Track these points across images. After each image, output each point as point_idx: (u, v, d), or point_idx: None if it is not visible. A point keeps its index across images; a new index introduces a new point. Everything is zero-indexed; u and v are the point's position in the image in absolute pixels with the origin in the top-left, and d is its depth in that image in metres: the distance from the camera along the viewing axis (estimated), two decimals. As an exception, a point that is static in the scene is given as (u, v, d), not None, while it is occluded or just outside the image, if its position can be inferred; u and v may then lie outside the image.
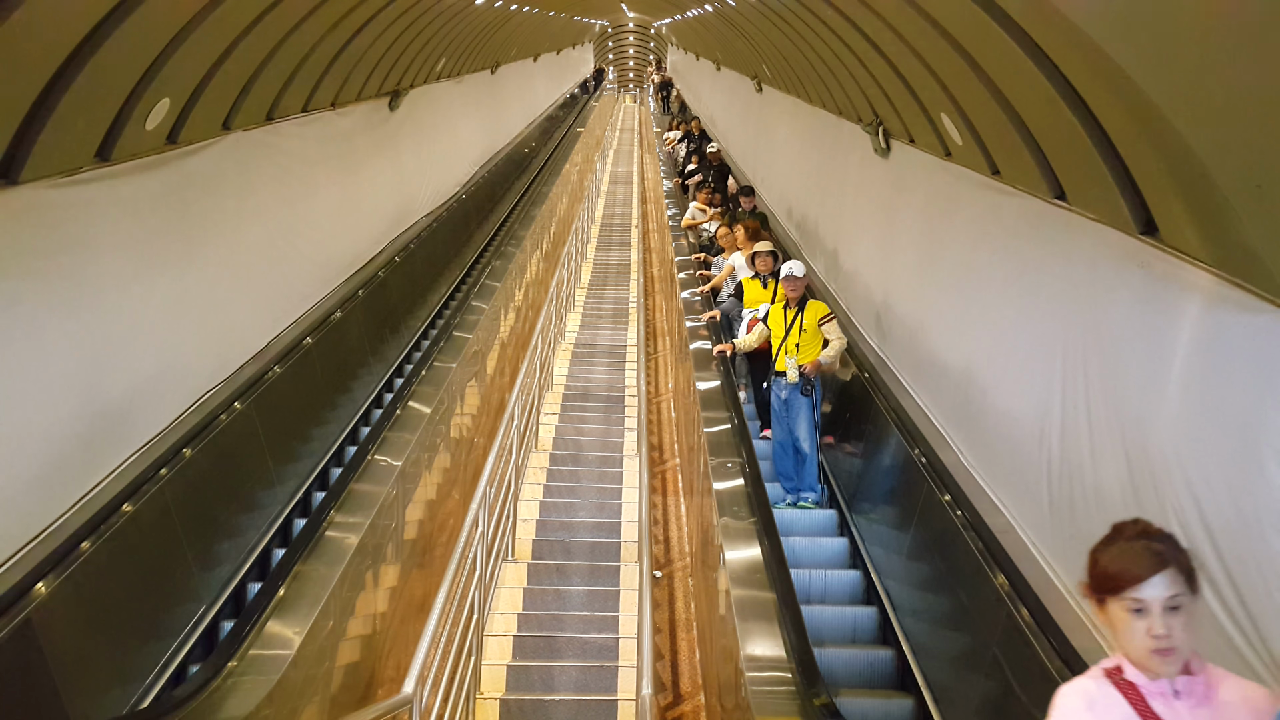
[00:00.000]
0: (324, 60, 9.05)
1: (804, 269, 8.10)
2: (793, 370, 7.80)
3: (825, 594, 6.98)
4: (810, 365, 7.80)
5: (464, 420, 9.58)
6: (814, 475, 7.91)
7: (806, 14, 8.54)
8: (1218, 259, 3.48)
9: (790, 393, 7.84)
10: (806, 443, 7.82)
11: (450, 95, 16.39)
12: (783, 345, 7.94)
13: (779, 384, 7.94)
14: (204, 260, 7.32)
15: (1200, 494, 3.55)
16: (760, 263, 9.36)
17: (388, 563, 6.73)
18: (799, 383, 7.78)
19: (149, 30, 5.47)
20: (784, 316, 8.02)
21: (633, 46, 56.36)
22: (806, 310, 7.97)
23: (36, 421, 5.29)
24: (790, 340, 7.91)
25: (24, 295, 5.23)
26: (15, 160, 5.01)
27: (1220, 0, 2.60)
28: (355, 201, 11.33)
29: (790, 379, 7.82)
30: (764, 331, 8.28)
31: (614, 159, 29.49)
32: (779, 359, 7.94)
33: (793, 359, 7.83)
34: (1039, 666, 4.31)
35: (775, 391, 7.98)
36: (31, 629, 4.71)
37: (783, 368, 7.88)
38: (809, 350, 7.90)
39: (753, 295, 9.32)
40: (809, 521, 7.83)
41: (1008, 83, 4.75)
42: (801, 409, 7.82)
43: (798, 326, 7.91)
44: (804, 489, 7.93)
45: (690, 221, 15.20)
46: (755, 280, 9.42)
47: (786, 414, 7.89)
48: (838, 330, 7.99)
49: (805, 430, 7.81)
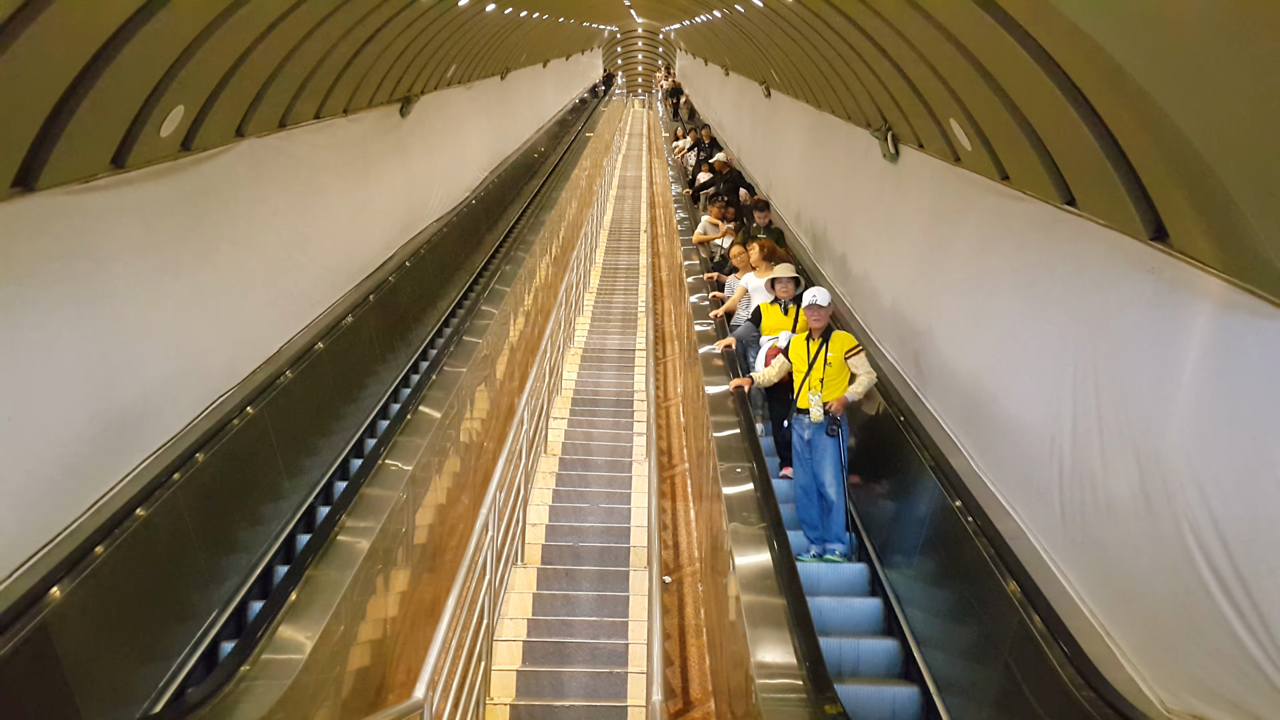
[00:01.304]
0: (336, 67, 9.10)
1: (829, 297, 7.43)
2: (817, 408, 7.10)
3: (858, 666, 6.18)
4: (836, 403, 7.07)
5: (474, 425, 9.61)
6: (841, 524, 7.14)
7: (815, 20, 8.55)
8: (1228, 264, 3.48)
9: (814, 433, 7.13)
10: (833, 488, 7.05)
11: (460, 101, 16.45)
12: (805, 380, 7.22)
13: (801, 422, 7.24)
14: (217, 265, 7.37)
15: (1212, 499, 3.55)
16: (780, 289, 8.62)
17: (398, 567, 6.75)
18: (824, 422, 7.07)
19: (164, 38, 5.51)
20: (807, 348, 7.30)
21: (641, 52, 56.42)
22: (831, 342, 7.24)
23: (51, 425, 5.33)
24: (814, 375, 7.18)
25: (40, 300, 5.27)
26: (32, 168, 5.06)
27: (1228, 5, 2.61)
28: (366, 207, 11.38)
29: (814, 417, 7.11)
30: (784, 364, 7.64)
31: (623, 164, 29.54)
32: (801, 395, 7.23)
33: (817, 395, 7.12)
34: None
35: (797, 430, 7.27)
36: (47, 632, 4.75)
37: (806, 405, 7.18)
38: (834, 386, 7.17)
39: (771, 322, 8.56)
40: (836, 577, 7.03)
41: (1016, 88, 4.76)
42: (827, 451, 7.08)
43: (822, 359, 7.18)
44: (830, 539, 7.14)
45: (701, 237, 14.23)
46: (774, 305, 8.65)
47: (810, 456, 7.16)
48: (866, 364, 7.28)
49: (831, 474, 7.05)
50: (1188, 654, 3.69)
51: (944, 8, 5.06)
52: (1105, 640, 4.28)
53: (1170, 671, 3.84)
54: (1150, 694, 3.93)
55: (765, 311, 8.68)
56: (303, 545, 6.99)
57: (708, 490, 7.62)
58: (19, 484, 5.00)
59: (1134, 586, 4.09)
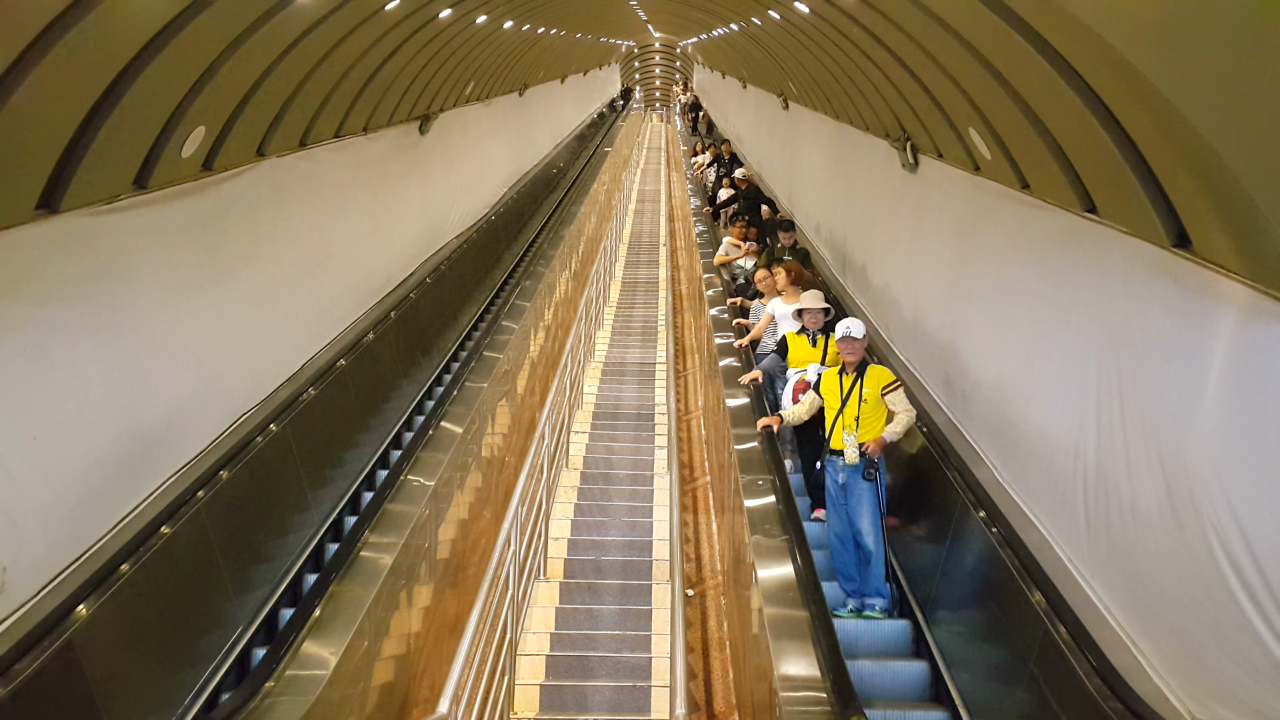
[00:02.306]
0: (356, 86, 9.18)
1: (864, 328, 6.83)
2: (852, 450, 6.51)
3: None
4: (874, 444, 6.48)
5: (495, 439, 9.63)
6: (881, 576, 6.50)
7: (832, 31, 8.56)
8: (1252, 270, 3.45)
9: (849, 476, 6.54)
10: (870, 537, 6.44)
11: (479, 118, 16.54)
12: (839, 418, 6.64)
13: (834, 464, 6.64)
14: (239, 284, 7.43)
15: (1239, 508, 3.51)
16: (809, 319, 8.01)
17: (421, 582, 6.77)
18: (860, 464, 6.48)
19: (184, 59, 5.58)
20: (840, 384, 6.73)
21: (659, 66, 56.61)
22: (867, 376, 6.67)
23: (77, 445, 5.38)
24: (848, 413, 6.60)
25: (65, 321, 5.33)
26: (56, 190, 5.12)
27: (1248, 11, 2.59)
28: (387, 224, 11.45)
29: (849, 460, 6.51)
30: (815, 400, 7.07)
31: (641, 178, 29.61)
32: (834, 435, 6.64)
33: (852, 436, 6.55)
34: None
35: (830, 474, 6.68)
36: (73, 650, 4.78)
37: (840, 446, 6.59)
38: (871, 425, 6.60)
39: (798, 354, 8.00)
40: (877, 636, 6.38)
41: (1035, 97, 4.74)
42: (864, 496, 6.46)
43: (857, 396, 6.61)
44: (869, 593, 6.52)
45: (723, 259, 13.53)
46: (801, 336, 8.05)
47: (845, 501, 6.56)
48: (905, 401, 6.69)
49: (869, 522, 6.45)
50: (1215, 664, 3.65)
51: (960, 15, 5.05)
52: (1132, 650, 4.24)
53: (1198, 681, 3.80)
54: (1178, 704, 3.88)
55: (792, 342, 8.11)
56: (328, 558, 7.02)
57: (729, 503, 7.60)
58: (46, 502, 5.05)
59: (1161, 596, 4.05)
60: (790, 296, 8.90)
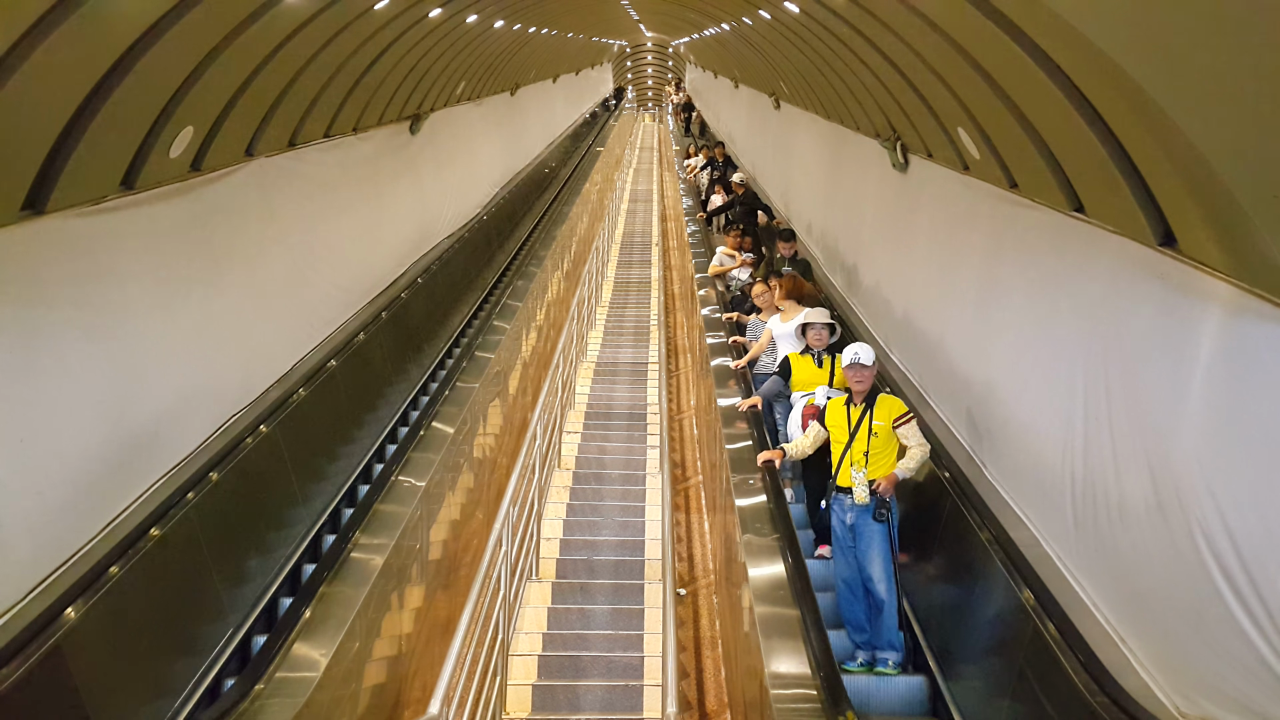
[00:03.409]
0: (345, 86, 9.16)
1: (873, 354, 6.31)
2: (862, 488, 5.99)
3: None
4: (885, 482, 5.94)
5: (487, 440, 9.63)
6: (894, 626, 5.91)
7: (823, 31, 8.58)
8: (1237, 269, 3.46)
9: (858, 517, 5.99)
10: (882, 584, 5.87)
11: (470, 118, 16.53)
12: (847, 453, 6.11)
13: (842, 503, 6.09)
14: (228, 285, 7.41)
15: (1225, 506, 3.53)
16: (813, 337, 7.47)
17: (412, 583, 6.76)
18: (870, 504, 5.97)
19: (172, 59, 5.56)
20: (847, 415, 6.19)
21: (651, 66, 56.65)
22: (877, 407, 6.12)
23: (64, 447, 5.36)
24: (857, 447, 6.07)
25: (52, 323, 5.31)
26: (42, 191, 5.10)
27: (1233, 10, 2.60)
28: (377, 225, 11.44)
29: (858, 499, 5.99)
30: (820, 433, 6.49)
31: (633, 177, 29.63)
32: (842, 471, 6.11)
33: (861, 473, 6.02)
34: None
35: (838, 513, 6.11)
36: (61, 654, 4.76)
37: (848, 483, 6.05)
38: (882, 460, 6.05)
39: (804, 375, 7.43)
40: (890, 693, 5.81)
41: (1023, 97, 4.76)
42: (874, 539, 5.92)
43: (866, 429, 6.07)
44: (881, 646, 5.92)
45: (717, 269, 12.71)
46: (805, 356, 7.51)
47: (854, 544, 6.01)
48: (919, 434, 6.15)
49: (881, 568, 5.88)
50: (1202, 659, 3.66)
51: (949, 16, 5.07)
52: (1120, 646, 4.25)
53: (1184, 676, 3.81)
54: (1165, 699, 3.90)
55: (795, 364, 7.52)
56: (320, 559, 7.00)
57: (721, 502, 7.61)
58: (33, 506, 5.03)
59: (1148, 592, 4.06)
60: (790, 314, 8.29)
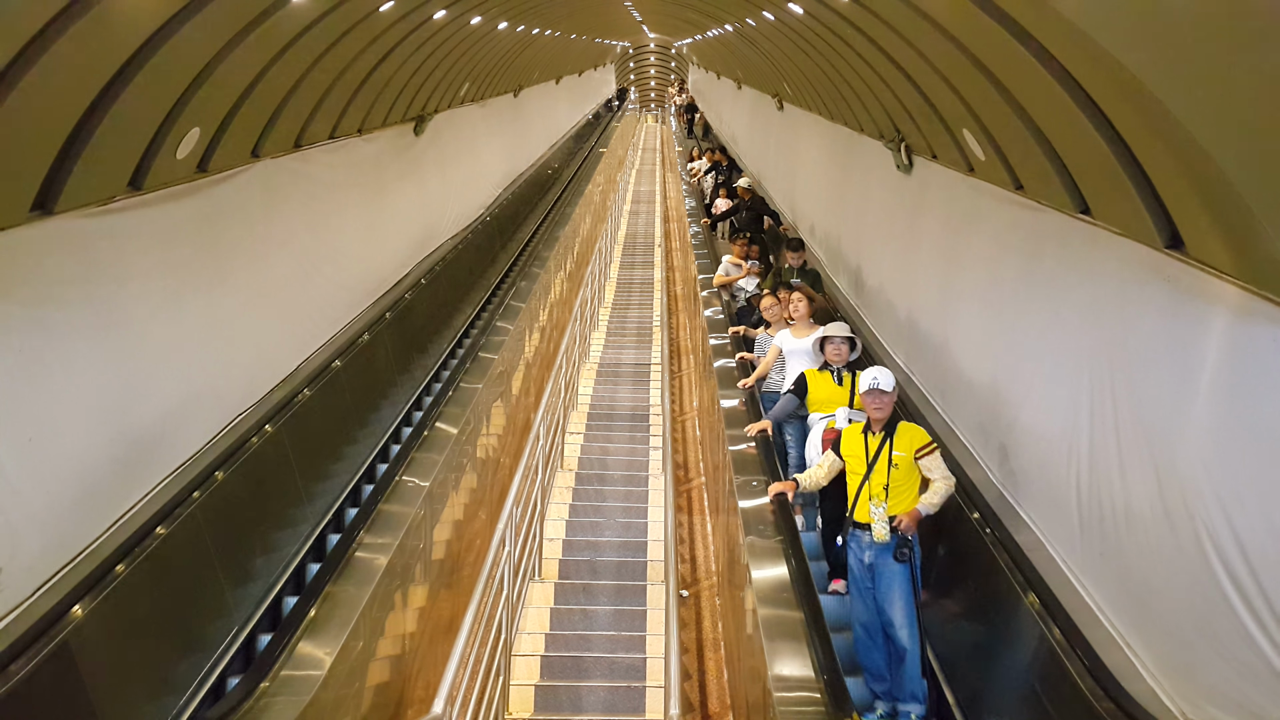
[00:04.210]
0: (350, 87, 9.18)
1: (893, 379, 5.84)
2: (881, 525, 5.52)
3: None
4: (907, 519, 5.49)
5: (490, 440, 9.64)
6: (916, 675, 5.41)
7: (826, 32, 8.58)
8: (1245, 271, 3.47)
9: (878, 556, 5.53)
10: (905, 630, 5.37)
11: (474, 119, 16.55)
12: (864, 486, 5.65)
13: (859, 540, 5.62)
14: (234, 286, 7.43)
15: (1231, 509, 3.53)
16: (832, 352, 6.95)
17: (416, 583, 6.77)
18: (891, 543, 5.51)
19: (179, 61, 5.58)
20: (865, 444, 5.75)
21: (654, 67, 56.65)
22: (898, 436, 5.68)
23: (72, 446, 5.38)
24: (875, 480, 5.62)
25: (60, 323, 5.33)
26: (51, 191, 5.12)
27: (1240, 12, 2.61)
28: (381, 226, 11.45)
29: (878, 537, 5.52)
30: (836, 463, 5.99)
31: (636, 178, 29.64)
32: (859, 506, 5.65)
33: (881, 508, 5.56)
34: None
35: (854, 551, 5.65)
36: (69, 651, 4.78)
37: (866, 519, 5.59)
38: (903, 494, 5.59)
39: (822, 394, 6.90)
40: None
41: (1029, 98, 4.76)
42: (895, 581, 5.45)
43: (886, 460, 5.63)
44: (903, 697, 5.44)
45: (723, 279, 12.13)
46: (824, 373, 6.96)
47: (873, 585, 5.55)
48: (943, 466, 5.69)
49: (902, 612, 5.41)
50: (1208, 664, 3.67)
51: (954, 17, 5.07)
52: (1125, 651, 4.26)
53: (1190, 682, 3.82)
54: (1170, 705, 3.90)
55: (813, 381, 6.98)
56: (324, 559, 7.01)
57: (724, 504, 7.61)
58: (41, 504, 5.05)
59: (1153, 597, 4.07)
60: (801, 329, 7.84)
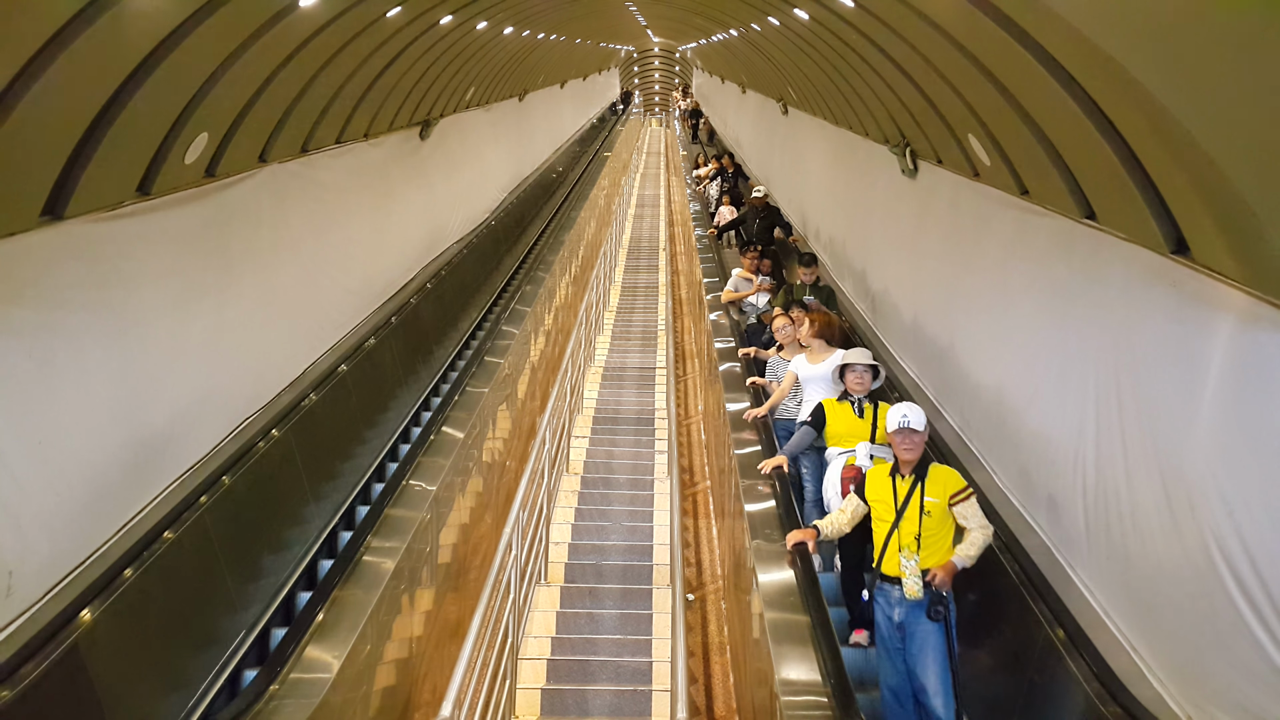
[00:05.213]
0: (356, 93, 9.21)
1: (924, 417, 5.30)
2: (914, 580, 4.97)
3: None
4: (943, 573, 4.91)
5: (496, 444, 9.66)
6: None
7: (832, 37, 8.60)
8: (1250, 277, 3.48)
9: (909, 614, 4.97)
10: (939, 697, 4.80)
11: (479, 123, 16.59)
12: (893, 535, 5.10)
13: (887, 595, 5.07)
14: (241, 290, 7.46)
15: (1238, 514, 3.53)
16: (853, 381, 6.38)
17: (423, 587, 6.79)
18: (924, 599, 4.93)
19: (187, 67, 5.61)
20: (893, 488, 5.21)
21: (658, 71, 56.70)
22: (929, 480, 5.13)
23: (81, 449, 5.41)
24: (905, 529, 5.07)
25: (69, 327, 5.35)
26: (60, 197, 5.15)
27: (1246, 18, 2.62)
28: (388, 230, 11.48)
29: (910, 593, 4.96)
30: (859, 508, 5.42)
31: (640, 182, 29.64)
32: (886, 556, 5.09)
33: (913, 561, 5.00)
34: None
35: (882, 607, 5.09)
36: (79, 654, 4.80)
37: (896, 572, 5.03)
38: (936, 545, 5.04)
39: (841, 427, 6.30)
40: None
41: (1034, 104, 4.78)
42: (929, 642, 4.88)
43: (917, 506, 5.08)
44: None
45: (732, 295, 11.27)
46: (844, 404, 6.39)
47: (903, 645, 4.98)
48: (979, 514, 5.09)
49: (937, 677, 4.83)
50: (1213, 668, 3.67)
51: (959, 22, 5.09)
52: (1131, 655, 4.26)
53: (1196, 686, 3.82)
54: (1177, 708, 3.91)
55: (831, 412, 6.38)
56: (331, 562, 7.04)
57: (730, 507, 7.61)
58: (50, 507, 5.08)
59: (1159, 601, 4.07)
60: (816, 354, 7.22)
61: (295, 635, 5.29)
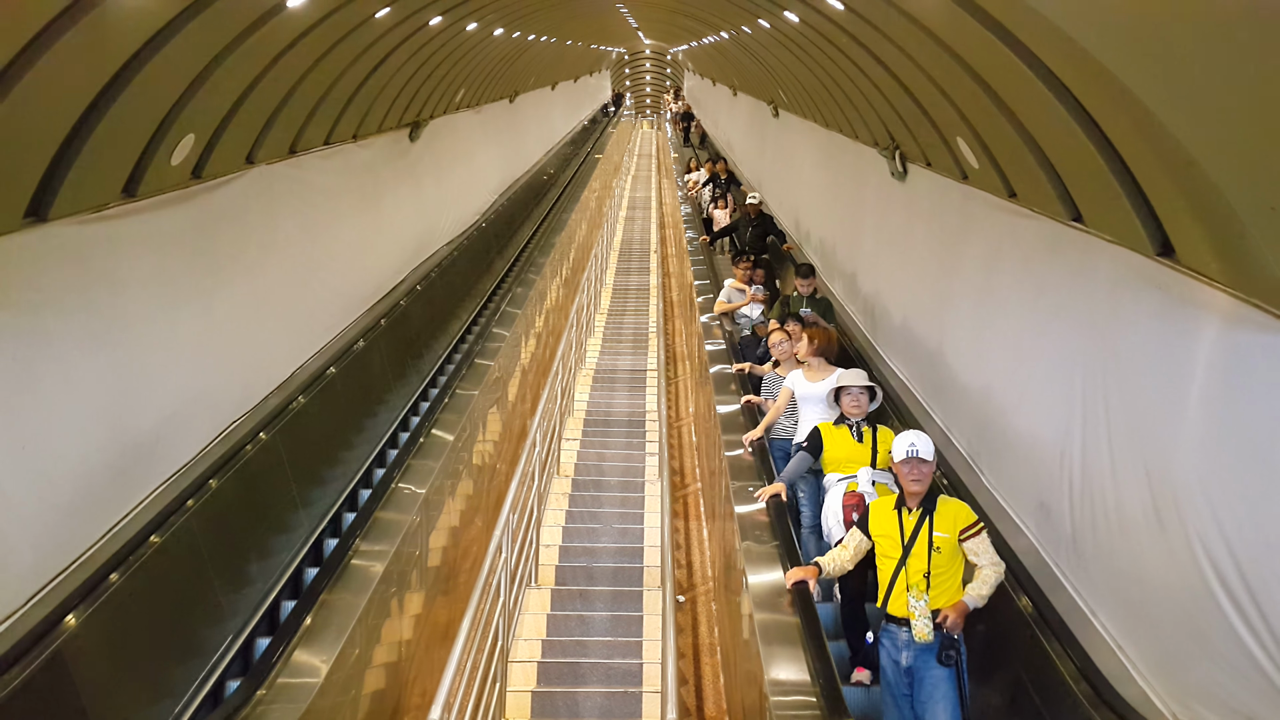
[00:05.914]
0: (345, 94, 9.19)
1: (932, 446, 4.98)
2: (924, 622, 4.66)
3: None
4: (954, 614, 4.62)
5: (486, 447, 9.64)
6: None
7: (821, 40, 8.61)
8: (1234, 279, 3.49)
9: (917, 658, 4.67)
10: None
11: (469, 125, 16.57)
12: (900, 573, 4.78)
13: (894, 638, 4.76)
14: (229, 292, 7.43)
15: (1222, 516, 3.55)
16: (850, 403, 6.13)
17: (412, 590, 6.77)
18: (934, 642, 4.65)
19: (173, 68, 5.59)
20: (899, 522, 4.87)
21: (649, 73, 56.75)
22: (939, 514, 4.81)
23: (66, 453, 5.38)
24: (914, 566, 4.74)
25: (54, 330, 5.32)
26: (44, 198, 5.12)
27: (1230, 23, 2.63)
28: (377, 232, 11.46)
29: (919, 635, 4.66)
30: (863, 542, 5.11)
31: (632, 184, 29.65)
32: (893, 597, 4.78)
33: (922, 601, 4.68)
34: None
35: (889, 650, 4.77)
36: (63, 659, 4.77)
37: (903, 613, 4.73)
38: (946, 584, 4.73)
39: (838, 452, 6.05)
40: None
41: (1022, 107, 4.79)
42: (939, 688, 4.59)
43: (925, 542, 4.75)
44: None
45: (725, 306, 11.06)
46: (841, 428, 6.12)
47: (910, 692, 4.69)
48: (991, 550, 4.77)
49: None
50: (1199, 667, 3.68)
51: (947, 25, 5.10)
52: (1117, 654, 4.27)
53: (1182, 684, 3.83)
54: (1163, 707, 3.92)
55: (828, 437, 6.12)
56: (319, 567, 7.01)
57: (720, 509, 7.61)
58: (34, 511, 5.04)
59: (1145, 600, 4.08)
60: (814, 372, 6.99)
61: (283, 639, 5.26)
